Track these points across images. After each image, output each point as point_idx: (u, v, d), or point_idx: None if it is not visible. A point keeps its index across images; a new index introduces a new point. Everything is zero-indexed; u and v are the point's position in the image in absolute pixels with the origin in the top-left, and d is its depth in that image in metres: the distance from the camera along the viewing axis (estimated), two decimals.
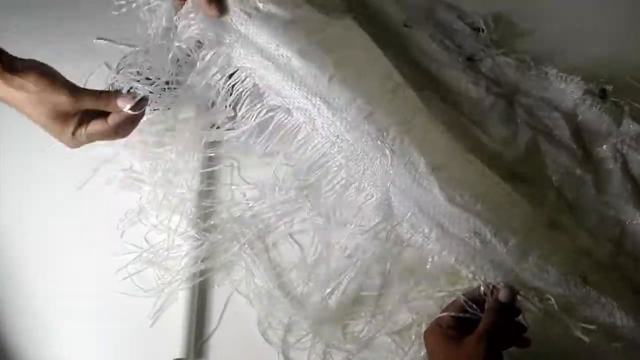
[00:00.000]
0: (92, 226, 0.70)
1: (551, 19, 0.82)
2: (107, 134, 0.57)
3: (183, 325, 0.63)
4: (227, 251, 0.67)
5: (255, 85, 0.66)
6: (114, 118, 0.57)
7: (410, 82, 0.69)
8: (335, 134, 0.63)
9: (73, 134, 0.56)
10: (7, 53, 0.54)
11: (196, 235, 0.68)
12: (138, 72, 0.75)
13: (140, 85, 0.59)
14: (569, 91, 0.74)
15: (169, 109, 0.70)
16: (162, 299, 0.65)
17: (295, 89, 0.63)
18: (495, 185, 0.62)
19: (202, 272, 0.66)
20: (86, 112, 0.56)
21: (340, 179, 0.64)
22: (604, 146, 0.72)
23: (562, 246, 0.63)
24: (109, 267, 0.66)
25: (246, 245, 0.67)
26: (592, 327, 0.56)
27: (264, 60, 0.64)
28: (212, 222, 0.69)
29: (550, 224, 0.66)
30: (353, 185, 0.64)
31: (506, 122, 0.73)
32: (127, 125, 0.58)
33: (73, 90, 0.55)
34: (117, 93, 0.57)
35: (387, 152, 0.61)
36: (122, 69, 0.79)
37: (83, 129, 0.56)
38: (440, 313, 0.55)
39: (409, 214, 0.62)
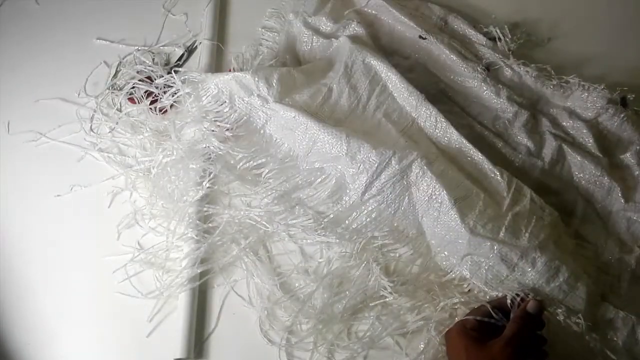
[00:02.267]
0: (94, 228, 0.71)
1: (568, 28, 0.82)
2: None
3: (183, 325, 0.64)
4: (227, 253, 0.67)
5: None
6: None
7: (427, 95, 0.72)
8: (364, 185, 0.66)
9: None
10: None
11: (195, 237, 0.67)
12: (138, 72, 0.77)
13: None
14: (591, 100, 0.74)
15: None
16: (162, 299, 0.65)
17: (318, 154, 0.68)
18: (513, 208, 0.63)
19: (202, 274, 0.66)
20: None
21: (368, 218, 0.67)
22: (628, 153, 0.71)
23: (588, 262, 0.64)
24: (109, 268, 0.67)
25: (247, 249, 0.67)
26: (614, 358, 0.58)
27: (286, 130, 0.71)
28: (211, 225, 0.69)
29: (577, 235, 0.67)
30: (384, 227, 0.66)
31: (530, 132, 0.72)
32: None
33: None
34: None
35: (413, 189, 0.64)
36: (120, 70, 0.80)
37: None
38: (466, 315, 0.57)
39: (442, 246, 0.64)
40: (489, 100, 0.75)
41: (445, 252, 0.64)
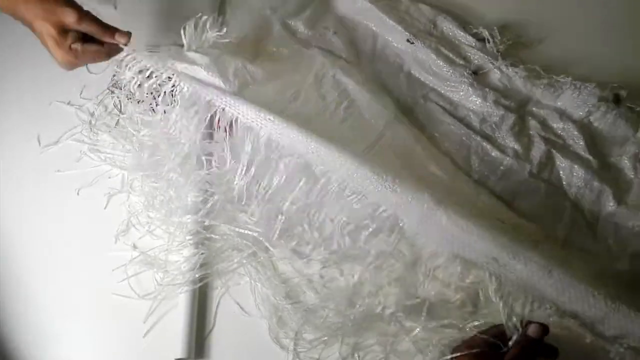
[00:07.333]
0: (95, 228, 0.71)
1: (558, 29, 0.80)
2: (101, 54, 0.66)
3: (184, 325, 0.63)
4: (229, 259, 0.67)
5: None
6: (110, 44, 0.66)
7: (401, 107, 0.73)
8: (340, 179, 0.63)
9: (70, 47, 0.63)
10: None
11: (197, 243, 0.67)
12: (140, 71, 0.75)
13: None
14: (581, 99, 0.72)
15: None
16: (159, 300, 0.65)
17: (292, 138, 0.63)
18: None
19: (202, 277, 0.66)
20: (83, 35, 0.64)
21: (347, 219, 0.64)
22: (623, 156, 0.69)
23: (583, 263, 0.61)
24: (110, 268, 0.67)
25: (251, 257, 0.67)
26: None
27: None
28: (213, 236, 0.68)
29: (565, 242, 0.65)
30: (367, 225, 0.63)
31: (517, 135, 0.71)
32: (115, 52, 0.67)
33: (82, 10, 0.63)
34: (116, 29, 0.66)
35: (389, 192, 0.60)
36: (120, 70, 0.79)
37: (79, 45, 0.63)
38: (464, 348, 0.54)
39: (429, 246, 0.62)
40: (475, 104, 0.74)
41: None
